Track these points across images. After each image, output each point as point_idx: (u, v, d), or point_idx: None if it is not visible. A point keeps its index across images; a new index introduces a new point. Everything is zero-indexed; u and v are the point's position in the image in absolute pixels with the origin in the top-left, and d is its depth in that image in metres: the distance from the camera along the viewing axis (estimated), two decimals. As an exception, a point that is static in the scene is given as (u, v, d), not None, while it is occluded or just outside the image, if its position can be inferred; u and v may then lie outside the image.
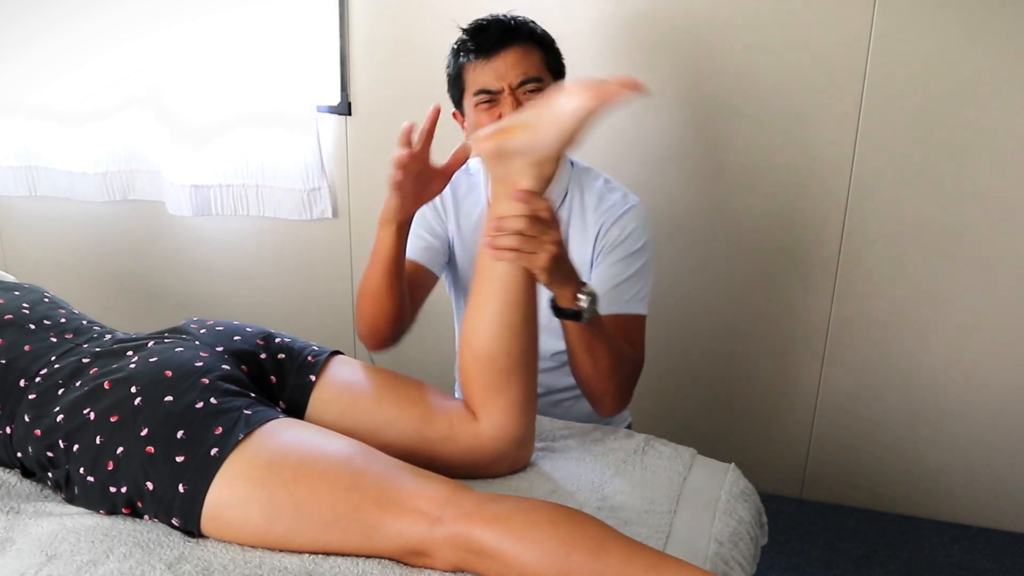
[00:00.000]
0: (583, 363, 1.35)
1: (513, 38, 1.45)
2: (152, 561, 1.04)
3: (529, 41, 1.46)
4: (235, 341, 1.29)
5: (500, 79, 1.44)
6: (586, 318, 1.27)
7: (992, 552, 2.10)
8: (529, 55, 1.45)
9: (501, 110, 1.43)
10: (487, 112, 1.45)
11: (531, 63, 1.45)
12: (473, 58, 1.46)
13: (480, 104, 1.46)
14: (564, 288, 1.25)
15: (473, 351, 1.25)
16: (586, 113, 1.07)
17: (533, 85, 1.44)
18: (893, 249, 2.04)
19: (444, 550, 1.02)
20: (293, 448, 1.09)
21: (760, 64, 1.98)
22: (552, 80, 1.49)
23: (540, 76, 1.45)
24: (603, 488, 1.26)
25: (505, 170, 1.17)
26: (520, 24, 1.48)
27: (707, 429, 2.30)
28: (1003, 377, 2.06)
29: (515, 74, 1.43)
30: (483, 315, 1.23)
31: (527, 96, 1.43)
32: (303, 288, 2.51)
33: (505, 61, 1.44)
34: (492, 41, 1.44)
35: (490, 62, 1.44)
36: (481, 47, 1.45)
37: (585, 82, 1.07)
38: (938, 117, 1.92)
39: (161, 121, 2.38)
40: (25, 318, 1.34)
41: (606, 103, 1.06)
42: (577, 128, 1.09)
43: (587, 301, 1.26)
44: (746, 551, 1.22)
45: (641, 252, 1.51)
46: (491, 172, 1.19)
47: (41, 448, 1.17)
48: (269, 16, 2.21)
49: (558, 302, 1.28)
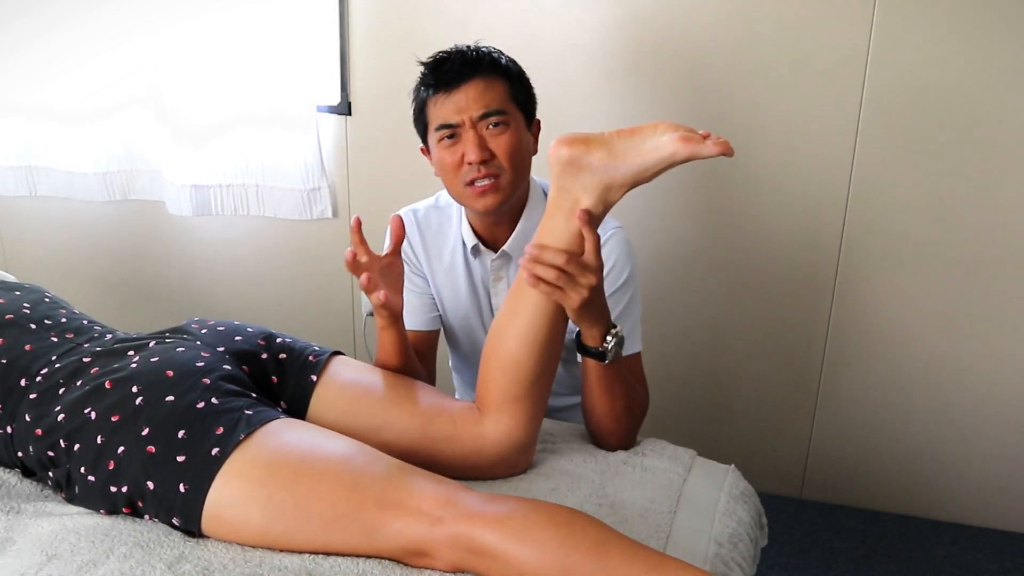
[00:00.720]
0: (599, 402, 1.34)
1: (474, 70, 1.39)
2: (152, 561, 1.04)
3: (492, 72, 1.40)
4: (236, 341, 1.29)
5: (460, 112, 1.38)
6: (609, 359, 1.27)
7: (992, 552, 2.10)
8: (492, 87, 1.39)
9: (464, 147, 1.38)
10: (449, 149, 1.40)
11: (493, 95, 1.39)
12: (433, 92, 1.41)
13: (443, 140, 1.41)
14: (592, 328, 1.25)
15: (499, 355, 1.25)
16: (674, 161, 1.08)
17: (496, 118, 1.39)
18: (893, 250, 2.04)
19: (444, 550, 1.03)
20: (294, 448, 1.09)
21: (759, 70, 1.98)
22: (519, 112, 1.43)
23: (503, 109, 1.39)
24: (603, 488, 1.26)
25: (571, 182, 1.15)
26: (483, 55, 1.41)
27: (707, 430, 2.30)
28: (1003, 377, 2.06)
29: (476, 107, 1.38)
30: (514, 325, 1.24)
31: (490, 131, 1.39)
32: (303, 288, 2.51)
33: (466, 95, 1.38)
34: (452, 74, 1.39)
35: (451, 96, 1.39)
36: (441, 80, 1.40)
37: (684, 131, 1.07)
38: (938, 118, 1.92)
39: (161, 121, 2.38)
40: (26, 318, 1.34)
41: (695, 157, 1.06)
42: (659, 170, 1.10)
43: (613, 343, 1.26)
44: (746, 552, 1.22)
45: (627, 285, 1.46)
46: (556, 178, 1.17)
47: (42, 447, 1.17)
48: (269, 16, 2.21)
49: (584, 340, 1.28)
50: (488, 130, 1.39)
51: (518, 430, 1.25)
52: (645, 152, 1.09)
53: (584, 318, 1.22)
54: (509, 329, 1.24)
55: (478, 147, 1.37)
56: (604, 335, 1.26)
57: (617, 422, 1.35)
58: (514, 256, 1.50)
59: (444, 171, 1.43)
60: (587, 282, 1.17)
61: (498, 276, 1.53)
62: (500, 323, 1.26)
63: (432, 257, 1.56)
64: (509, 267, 1.52)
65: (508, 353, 1.24)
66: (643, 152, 1.09)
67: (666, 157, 1.08)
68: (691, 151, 1.05)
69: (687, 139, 1.06)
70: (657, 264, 2.15)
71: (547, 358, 1.25)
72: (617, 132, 1.13)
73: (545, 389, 1.27)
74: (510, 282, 1.52)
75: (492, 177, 1.39)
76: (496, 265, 1.52)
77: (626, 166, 1.11)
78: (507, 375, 1.24)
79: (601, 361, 1.28)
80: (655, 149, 1.08)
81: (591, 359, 1.30)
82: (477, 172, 1.38)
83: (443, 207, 1.57)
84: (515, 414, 1.24)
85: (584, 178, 1.14)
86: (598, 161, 1.12)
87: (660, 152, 1.08)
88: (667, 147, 1.07)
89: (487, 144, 1.39)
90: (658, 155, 1.08)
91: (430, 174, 1.50)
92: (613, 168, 1.12)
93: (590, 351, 1.28)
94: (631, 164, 1.11)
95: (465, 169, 1.40)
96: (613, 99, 2.09)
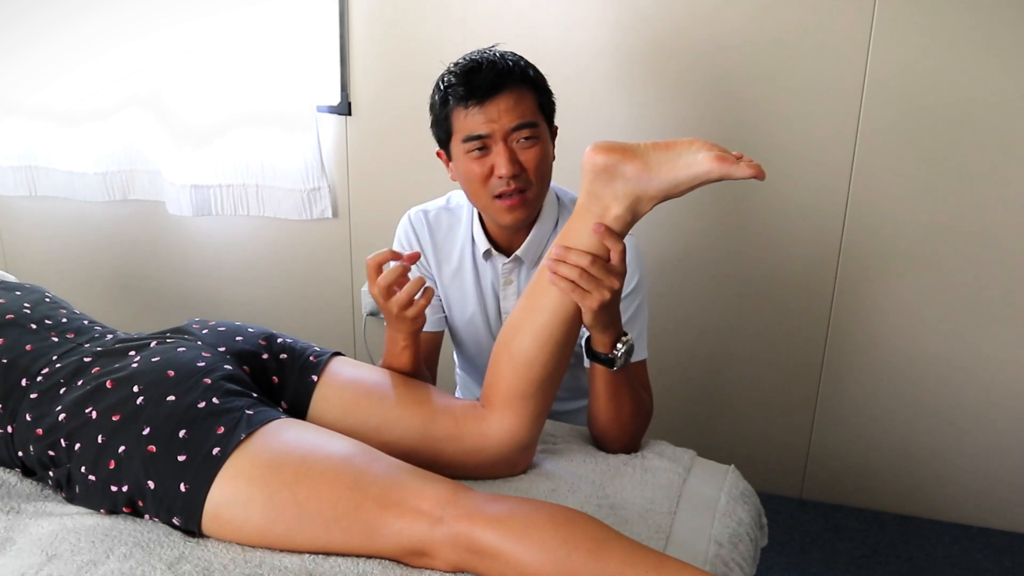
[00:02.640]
0: (606, 408, 1.34)
1: (506, 82, 1.36)
2: (152, 561, 1.04)
3: (523, 84, 1.38)
4: (237, 341, 1.29)
5: (492, 125, 1.36)
6: (618, 367, 1.28)
7: (992, 552, 2.10)
8: (523, 100, 1.37)
9: (494, 160, 1.37)
10: (478, 161, 1.38)
11: (524, 108, 1.37)
12: (465, 103, 1.37)
13: (471, 151, 1.38)
14: (604, 334, 1.25)
15: (511, 352, 1.25)
16: (707, 179, 1.08)
17: (528, 131, 1.37)
18: (892, 251, 2.04)
19: (445, 550, 1.03)
20: (295, 448, 1.09)
21: (757, 76, 1.98)
22: (545, 123, 1.41)
23: (535, 121, 1.38)
24: (603, 488, 1.26)
25: (602, 189, 1.15)
26: (513, 66, 1.38)
27: (707, 430, 2.30)
28: (1002, 377, 2.07)
29: (508, 120, 1.35)
30: (530, 323, 1.24)
31: (519, 144, 1.37)
32: (303, 288, 2.51)
33: (498, 107, 1.35)
34: (486, 86, 1.35)
35: (484, 108, 1.35)
36: (473, 92, 1.35)
37: (720, 151, 1.07)
38: (937, 124, 1.92)
39: (161, 121, 2.38)
40: (26, 318, 1.34)
41: (728, 177, 1.06)
42: (691, 187, 1.10)
43: (623, 351, 1.27)
44: (746, 552, 1.23)
45: (636, 292, 1.45)
46: (588, 184, 1.16)
47: (43, 447, 1.17)
48: (269, 16, 2.21)
49: (594, 346, 1.28)
50: (518, 143, 1.38)
51: (521, 429, 1.25)
52: (679, 168, 1.09)
53: (599, 323, 1.22)
54: (524, 326, 1.24)
55: (509, 161, 1.36)
56: (615, 342, 1.26)
57: (622, 428, 1.35)
58: (526, 261, 1.50)
59: (470, 182, 1.41)
60: (610, 284, 1.17)
61: (508, 280, 1.53)
62: (515, 320, 1.26)
63: (441, 259, 1.55)
64: (520, 271, 1.52)
65: (521, 350, 1.24)
66: (678, 168, 1.09)
67: (700, 175, 1.08)
68: (725, 171, 1.05)
69: (722, 159, 1.06)
70: (657, 267, 2.15)
71: (559, 358, 1.25)
72: (652, 145, 1.12)
73: (552, 390, 1.27)
74: (520, 287, 1.52)
75: (520, 192, 1.39)
76: (507, 269, 1.52)
77: (659, 180, 1.11)
78: (517, 373, 1.24)
79: (610, 368, 1.28)
80: (689, 166, 1.08)
81: (600, 365, 1.30)
82: (507, 186, 1.37)
83: (453, 209, 1.56)
84: (520, 413, 1.25)
85: (616, 187, 1.14)
86: (632, 172, 1.12)
87: (694, 169, 1.08)
88: (702, 165, 1.07)
89: (517, 157, 1.38)
90: (692, 172, 1.08)
91: (430, 174, 1.50)
92: (646, 180, 1.12)
93: (600, 357, 1.28)
94: (664, 178, 1.10)
95: (495, 182, 1.38)
96: (612, 100, 2.09)
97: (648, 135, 2.09)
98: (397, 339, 1.33)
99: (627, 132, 2.10)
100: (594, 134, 1.93)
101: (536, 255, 1.50)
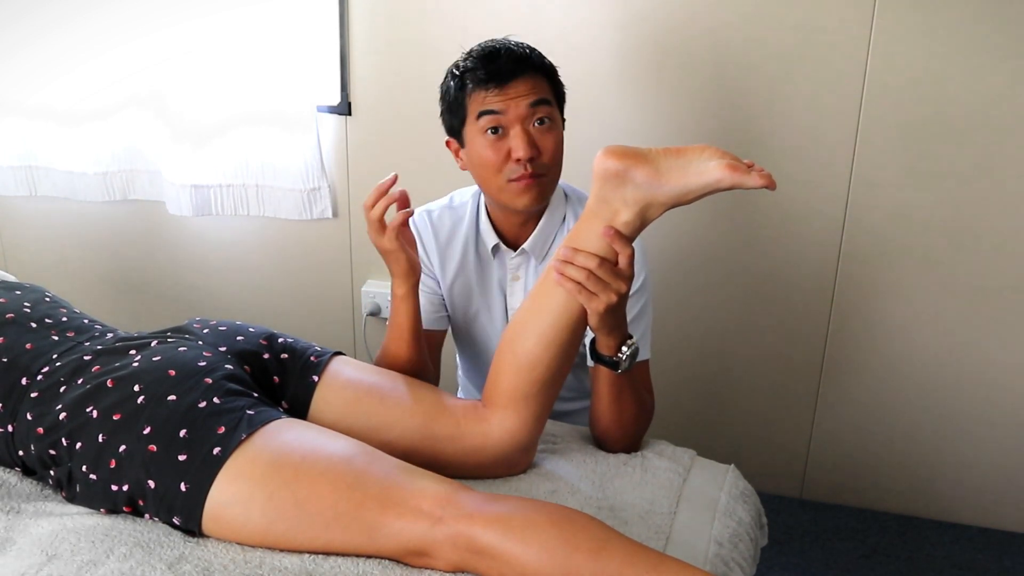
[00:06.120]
0: (608, 410, 1.34)
1: (525, 67, 1.38)
2: (152, 561, 1.04)
3: (539, 70, 1.41)
4: (238, 341, 1.29)
5: (510, 108, 1.37)
6: (622, 369, 1.28)
7: (992, 552, 2.10)
8: (539, 85, 1.40)
9: (511, 143, 1.37)
10: (494, 145, 1.38)
11: (543, 91, 1.40)
12: (484, 87, 1.38)
13: (487, 134, 1.39)
14: (609, 337, 1.25)
15: (515, 352, 1.25)
16: (718, 187, 1.07)
17: (546, 110, 1.39)
18: (893, 251, 2.04)
19: (445, 550, 1.03)
20: (295, 448, 1.09)
21: (757, 77, 1.98)
22: (558, 111, 1.43)
23: (551, 100, 1.41)
24: (603, 488, 1.26)
25: (612, 193, 1.15)
26: (530, 52, 1.42)
27: (707, 430, 2.30)
28: (1002, 378, 2.06)
29: (526, 104, 1.37)
30: (535, 324, 1.24)
31: (536, 128, 1.38)
32: (303, 288, 2.51)
33: (517, 90, 1.37)
34: (506, 70, 1.37)
35: (503, 91, 1.37)
36: (492, 76, 1.37)
37: (731, 159, 1.07)
38: (938, 125, 1.92)
39: (161, 121, 2.38)
40: (27, 316, 1.34)
41: (739, 186, 1.06)
42: (701, 194, 1.09)
43: (628, 354, 1.27)
44: (746, 552, 1.23)
45: (641, 292, 1.45)
46: (598, 188, 1.16)
47: (43, 446, 1.17)
48: (269, 16, 2.21)
49: (599, 348, 1.28)
50: (535, 127, 1.39)
51: (522, 429, 1.25)
52: (690, 175, 1.09)
53: (604, 326, 1.22)
54: (529, 327, 1.24)
55: (527, 144, 1.36)
56: (619, 345, 1.26)
57: (624, 430, 1.36)
58: (533, 255, 1.50)
59: (484, 166, 1.41)
60: (617, 288, 1.17)
61: (515, 276, 1.53)
62: (520, 320, 1.26)
63: (445, 259, 1.55)
64: (528, 266, 1.52)
65: (524, 350, 1.24)
66: (689, 174, 1.09)
67: (711, 183, 1.07)
68: (736, 180, 1.05)
69: (734, 167, 1.05)
70: (658, 267, 2.15)
71: (563, 360, 1.25)
72: (664, 150, 1.12)
73: (554, 392, 1.27)
74: (527, 283, 1.52)
75: (537, 176, 1.39)
76: (515, 263, 1.52)
77: (670, 186, 1.10)
78: (520, 373, 1.24)
79: (614, 371, 1.28)
80: (700, 173, 1.08)
81: (604, 367, 1.30)
82: (524, 170, 1.38)
83: (456, 207, 1.56)
84: (522, 413, 1.25)
85: (626, 192, 1.14)
86: (642, 177, 1.11)
87: (706, 177, 1.07)
88: (713, 173, 1.07)
89: (535, 141, 1.38)
90: (703, 180, 1.08)
91: (431, 174, 1.50)
92: (657, 186, 1.11)
93: (604, 360, 1.28)
94: (675, 185, 1.10)
95: (511, 166, 1.38)
96: (613, 101, 2.09)
97: (648, 135, 2.10)
98: (394, 285, 1.37)
99: (627, 132, 2.09)
100: (595, 135, 1.94)
101: (544, 249, 1.50)
